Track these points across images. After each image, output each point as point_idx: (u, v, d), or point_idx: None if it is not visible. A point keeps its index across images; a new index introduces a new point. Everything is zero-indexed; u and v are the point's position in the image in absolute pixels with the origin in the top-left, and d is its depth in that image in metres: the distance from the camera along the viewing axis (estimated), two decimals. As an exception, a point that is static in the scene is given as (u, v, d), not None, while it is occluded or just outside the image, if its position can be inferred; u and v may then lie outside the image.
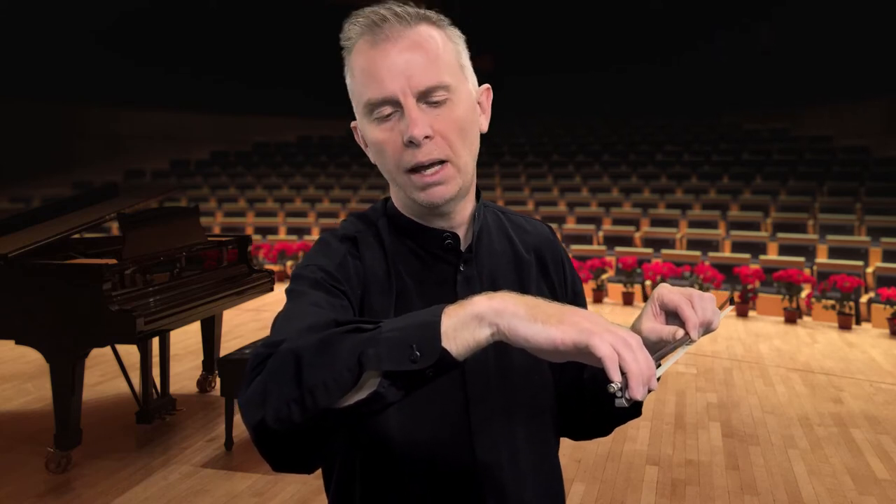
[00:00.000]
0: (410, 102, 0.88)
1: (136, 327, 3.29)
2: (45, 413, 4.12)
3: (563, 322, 0.69)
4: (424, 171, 0.91)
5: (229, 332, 6.12)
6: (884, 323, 7.26)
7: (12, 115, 14.58)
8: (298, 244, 10.39)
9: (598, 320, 0.71)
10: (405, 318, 0.74)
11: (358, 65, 0.92)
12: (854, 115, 13.78)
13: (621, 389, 0.68)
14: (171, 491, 3.33)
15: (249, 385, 0.75)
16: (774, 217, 10.62)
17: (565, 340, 0.68)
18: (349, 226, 1.01)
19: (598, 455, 3.83)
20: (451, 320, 0.71)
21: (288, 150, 16.99)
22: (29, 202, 12.55)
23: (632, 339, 0.69)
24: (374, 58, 0.90)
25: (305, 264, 0.94)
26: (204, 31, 17.06)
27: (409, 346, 0.70)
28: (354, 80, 0.93)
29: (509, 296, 0.73)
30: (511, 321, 0.70)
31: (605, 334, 0.68)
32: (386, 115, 0.90)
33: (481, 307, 0.71)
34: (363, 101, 0.91)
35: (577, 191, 12.99)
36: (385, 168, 0.95)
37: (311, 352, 0.72)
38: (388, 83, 0.88)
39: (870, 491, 3.46)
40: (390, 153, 0.91)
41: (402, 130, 0.89)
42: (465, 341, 0.71)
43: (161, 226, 4.06)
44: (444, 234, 0.98)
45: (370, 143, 0.95)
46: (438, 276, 0.98)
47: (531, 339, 0.70)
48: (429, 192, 0.92)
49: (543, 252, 1.08)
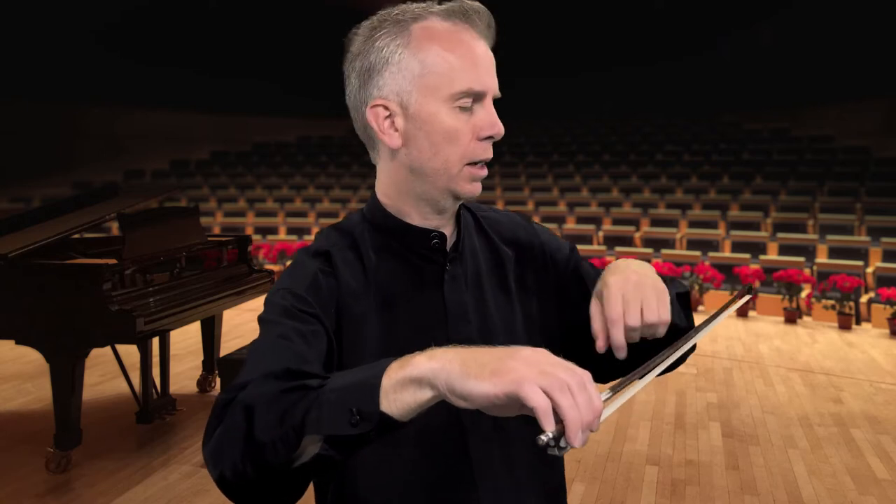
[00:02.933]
0: (491, 101, 0.93)
1: (136, 327, 3.29)
2: (45, 413, 4.11)
3: (497, 373, 0.66)
4: (480, 166, 0.95)
5: (229, 332, 6.12)
6: (884, 323, 7.26)
7: (12, 115, 14.58)
8: (298, 244, 10.38)
9: (538, 360, 0.67)
10: (349, 376, 0.73)
11: (453, 45, 0.91)
12: (854, 115, 13.79)
13: (554, 439, 0.63)
14: (171, 491, 3.33)
15: (211, 436, 0.76)
16: (774, 217, 10.62)
17: (498, 393, 0.65)
18: (322, 240, 1.00)
19: (597, 455, 3.83)
20: (392, 382, 0.70)
21: (288, 150, 16.99)
22: (29, 202, 12.56)
23: (573, 378, 0.65)
24: (473, 47, 0.92)
25: (276, 288, 0.93)
26: (204, 31, 17.05)
27: (350, 409, 0.69)
28: (441, 58, 0.90)
29: (448, 353, 0.70)
30: (448, 380, 0.68)
31: (539, 378, 0.64)
32: (467, 107, 0.91)
33: (420, 369, 0.69)
34: (458, 86, 0.90)
35: (577, 191, 12.99)
36: (443, 157, 0.92)
37: (262, 409, 0.72)
38: (487, 77, 0.92)
39: (870, 491, 3.46)
40: (462, 143, 0.92)
41: (479, 125, 0.92)
42: (406, 404, 0.70)
43: (161, 226, 4.06)
44: (432, 233, 0.98)
45: (441, 128, 0.91)
46: (425, 277, 0.98)
47: (468, 397, 0.67)
48: (475, 186, 0.95)
49: (520, 240, 1.09)
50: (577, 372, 0.66)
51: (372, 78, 0.93)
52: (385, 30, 0.92)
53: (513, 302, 1.03)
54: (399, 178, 0.97)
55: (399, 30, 0.92)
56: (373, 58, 0.92)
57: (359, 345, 0.93)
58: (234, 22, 17.50)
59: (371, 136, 0.97)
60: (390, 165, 0.97)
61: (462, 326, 0.97)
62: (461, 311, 0.97)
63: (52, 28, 15.42)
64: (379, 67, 0.92)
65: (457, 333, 0.96)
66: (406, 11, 0.92)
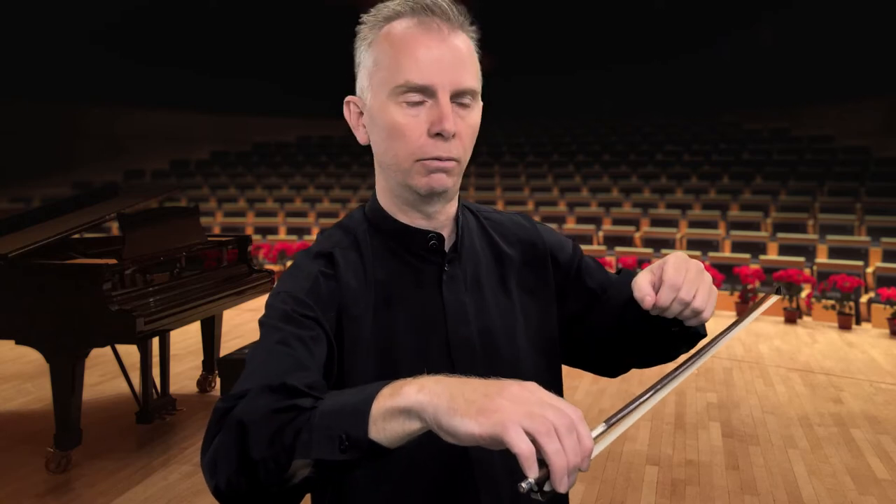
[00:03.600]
0: (446, 98, 0.90)
1: (136, 327, 3.29)
2: (45, 413, 4.11)
3: (483, 412, 0.64)
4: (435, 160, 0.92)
5: (229, 332, 6.12)
6: (884, 323, 7.26)
7: (12, 115, 14.58)
8: (298, 244, 10.38)
9: (526, 398, 0.65)
10: (341, 398, 0.73)
11: (398, 41, 0.91)
12: (854, 115, 13.79)
13: (537, 484, 0.60)
14: (171, 491, 3.33)
15: (210, 445, 0.76)
16: (774, 217, 10.62)
17: (483, 434, 0.63)
18: (325, 241, 1.00)
19: (597, 455, 3.83)
20: (381, 411, 0.69)
21: (288, 150, 16.99)
22: (29, 202, 12.56)
23: (561, 420, 0.63)
24: (422, 42, 0.90)
25: (277, 291, 0.93)
26: (204, 31, 17.05)
27: (339, 435, 0.69)
28: (386, 54, 0.91)
29: (438, 385, 0.68)
30: (435, 415, 0.66)
31: (525, 420, 0.62)
32: (415, 102, 0.90)
33: (409, 400, 0.68)
34: (398, 80, 0.90)
35: (577, 191, 12.99)
36: (392, 152, 0.93)
37: (255, 428, 0.73)
38: (432, 73, 0.89)
39: (870, 491, 3.46)
40: (410, 139, 0.91)
41: (429, 120, 0.90)
42: (394, 433, 0.69)
43: (161, 226, 4.06)
44: (429, 234, 0.98)
45: (386, 124, 0.92)
46: (423, 278, 0.98)
47: (454, 435, 0.66)
48: (431, 178, 0.92)
49: (523, 241, 1.09)
50: (566, 412, 0.64)
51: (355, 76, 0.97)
52: (362, 31, 0.95)
53: (513, 303, 1.03)
54: (379, 175, 1.00)
55: (369, 29, 0.94)
56: (355, 57, 0.97)
57: (359, 345, 0.93)
58: (234, 22, 17.49)
59: None
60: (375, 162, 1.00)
61: (461, 327, 0.97)
62: (460, 311, 0.97)
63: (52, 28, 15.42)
64: (356, 66, 0.97)
65: (456, 334, 0.96)
66: (378, 11, 0.94)
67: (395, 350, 0.94)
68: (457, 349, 0.96)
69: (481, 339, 0.97)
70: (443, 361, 0.94)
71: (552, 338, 1.06)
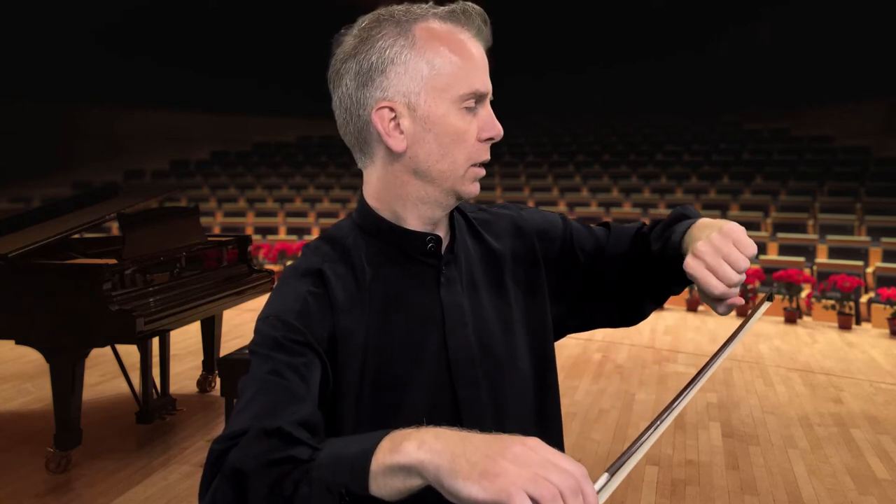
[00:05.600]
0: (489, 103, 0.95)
1: (136, 327, 3.29)
2: (45, 413, 4.11)
3: (486, 475, 0.63)
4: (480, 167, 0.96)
5: (229, 332, 6.12)
6: (884, 323, 7.26)
7: (12, 115, 14.58)
8: (298, 244, 10.38)
9: (530, 459, 0.63)
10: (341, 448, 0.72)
11: (457, 46, 0.92)
12: (854, 115, 13.79)
13: None
14: (171, 491, 3.33)
15: (207, 488, 0.76)
16: (774, 217, 10.62)
17: (486, 499, 0.62)
18: (312, 255, 0.97)
19: (597, 455, 3.83)
20: (381, 467, 0.69)
21: (288, 150, 16.99)
22: (29, 202, 12.56)
23: (566, 482, 0.62)
24: (475, 48, 0.93)
25: (265, 315, 0.91)
26: (204, 31, 17.06)
27: (339, 491, 0.69)
28: (447, 60, 0.91)
29: (438, 442, 0.68)
30: (437, 475, 0.66)
31: (529, 485, 0.61)
32: (471, 108, 0.93)
33: (409, 458, 0.67)
34: (465, 88, 0.91)
35: (577, 191, 12.99)
36: (450, 158, 0.93)
37: (253, 478, 0.72)
38: (486, 80, 0.94)
39: (870, 491, 3.46)
40: (468, 144, 0.93)
41: (481, 126, 0.94)
42: (395, 489, 0.69)
43: (161, 226, 4.06)
44: (427, 236, 0.97)
45: (449, 130, 0.92)
46: (421, 280, 0.97)
47: (455, 496, 0.65)
48: (476, 186, 0.96)
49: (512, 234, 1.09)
50: (570, 472, 0.63)
51: (374, 79, 0.91)
52: (385, 30, 0.91)
53: (509, 301, 1.03)
54: (397, 182, 0.95)
55: (401, 30, 0.91)
56: (374, 58, 0.90)
57: (356, 356, 0.92)
58: (234, 22, 17.50)
59: (366, 139, 0.96)
60: (388, 169, 0.96)
61: (459, 329, 0.96)
62: (458, 313, 0.97)
63: (52, 28, 15.42)
64: (382, 68, 0.90)
65: (454, 336, 0.96)
66: (407, 12, 0.92)
67: (392, 353, 0.93)
68: (454, 351, 0.95)
69: (479, 340, 0.98)
70: (440, 363, 0.94)
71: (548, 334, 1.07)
